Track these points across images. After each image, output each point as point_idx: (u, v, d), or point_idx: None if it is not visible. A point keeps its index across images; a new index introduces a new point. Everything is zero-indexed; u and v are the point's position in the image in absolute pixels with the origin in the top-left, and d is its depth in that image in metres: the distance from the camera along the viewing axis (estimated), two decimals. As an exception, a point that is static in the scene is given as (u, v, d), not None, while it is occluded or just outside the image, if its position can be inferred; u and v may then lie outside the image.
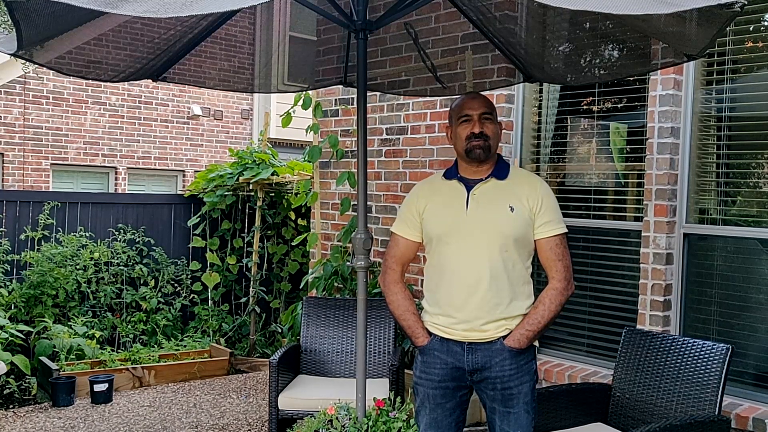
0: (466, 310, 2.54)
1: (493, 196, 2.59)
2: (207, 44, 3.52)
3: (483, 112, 2.61)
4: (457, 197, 2.61)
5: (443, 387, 2.62)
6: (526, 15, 3.72)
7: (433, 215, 2.64)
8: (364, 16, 3.01)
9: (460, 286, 2.55)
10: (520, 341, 2.54)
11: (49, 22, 2.54)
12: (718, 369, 3.12)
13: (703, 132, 3.95)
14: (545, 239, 2.57)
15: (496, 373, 2.55)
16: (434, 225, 2.63)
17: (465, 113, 2.62)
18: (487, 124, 2.60)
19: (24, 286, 5.80)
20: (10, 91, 9.41)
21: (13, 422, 4.74)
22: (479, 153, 2.57)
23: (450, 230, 2.58)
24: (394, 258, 2.74)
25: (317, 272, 5.51)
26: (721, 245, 3.87)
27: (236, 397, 5.42)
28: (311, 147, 5.65)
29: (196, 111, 11.06)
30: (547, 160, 4.65)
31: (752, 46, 3.77)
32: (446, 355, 2.60)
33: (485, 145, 2.58)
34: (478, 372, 2.58)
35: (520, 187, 2.60)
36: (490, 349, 2.55)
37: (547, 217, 2.58)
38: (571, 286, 2.59)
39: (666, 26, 2.68)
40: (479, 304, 2.53)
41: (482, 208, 2.57)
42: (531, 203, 2.57)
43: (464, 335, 2.57)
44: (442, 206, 2.63)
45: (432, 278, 2.67)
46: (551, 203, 2.61)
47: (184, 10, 1.79)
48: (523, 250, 2.58)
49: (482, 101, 2.64)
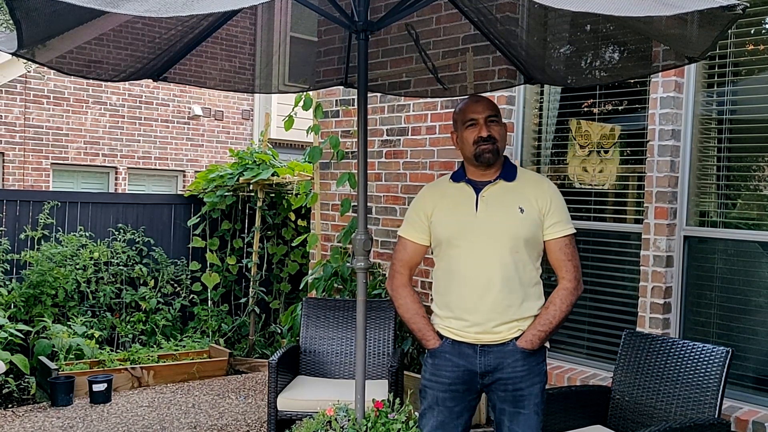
0: (478, 313, 2.53)
1: (503, 197, 2.58)
2: (208, 44, 3.52)
3: (489, 115, 2.60)
4: (466, 200, 2.60)
5: (453, 390, 2.61)
6: (527, 17, 3.72)
7: (442, 218, 2.63)
8: (366, 17, 3.00)
9: (471, 288, 2.54)
10: (533, 342, 2.53)
11: (50, 21, 2.54)
12: (718, 372, 3.11)
13: (704, 135, 3.94)
14: (555, 240, 2.57)
15: (508, 374, 2.54)
16: (443, 228, 2.61)
17: (470, 117, 2.60)
18: (493, 126, 2.59)
19: (23, 286, 5.79)
20: (11, 91, 9.41)
21: (12, 422, 4.74)
22: (489, 157, 2.57)
23: (459, 233, 2.57)
24: (401, 262, 2.73)
25: (317, 273, 5.51)
26: (721, 248, 3.86)
27: (235, 397, 5.42)
28: (312, 148, 5.64)
29: (196, 111, 11.06)
30: (547, 162, 4.65)
31: (753, 49, 3.76)
32: (458, 358, 2.59)
33: (494, 148, 2.57)
34: (489, 374, 2.57)
35: (528, 189, 2.60)
36: (502, 350, 2.55)
37: (557, 218, 2.58)
38: (581, 285, 2.59)
39: (667, 28, 2.68)
40: (491, 306, 2.52)
41: (492, 210, 2.56)
42: (540, 204, 2.57)
43: (477, 338, 2.56)
44: (451, 209, 2.62)
45: (441, 281, 2.65)
46: (560, 204, 2.61)
47: (185, 9, 1.79)
48: (533, 251, 2.58)
49: (486, 104, 2.63)
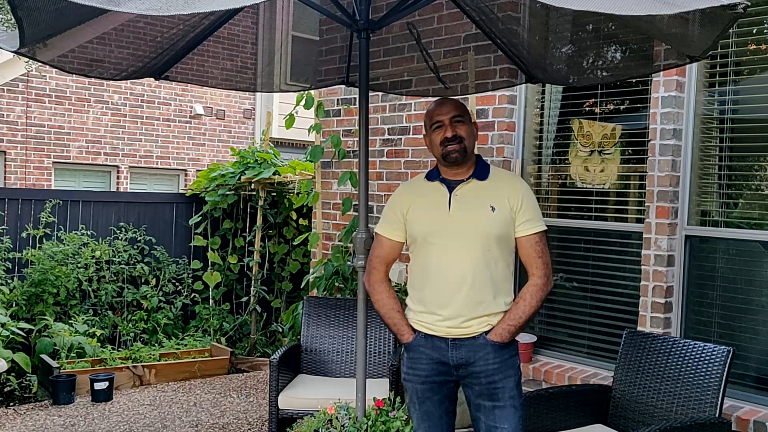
0: (450, 308, 2.60)
1: (475, 196, 2.65)
2: (209, 43, 3.52)
3: (453, 116, 2.65)
4: (439, 198, 2.67)
5: (429, 382, 2.69)
6: (528, 16, 3.72)
7: (416, 216, 2.70)
8: (367, 16, 3.01)
9: (444, 285, 2.61)
10: (503, 335, 2.60)
11: (52, 19, 2.55)
12: (719, 371, 3.11)
13: (706, 134, 3.94)
14: (526, 237, 2.63)
15: (480, 367, 2.61)
16: (418, 225, 2.68)
17: (436, 120, 2.67)
18: (459, 126, 2.65)
19: (25, 284, 5.80)
20: (13, 90, 9.41)
21: (14, 420, 4.75)
22: (456, 156, 2.63)
23: (433, 230, 2.64)
24: (378, 258, 2.80)
25: (318, 272, 5.52)
26: (722, 247, 3.86)
27: (236, 396, 5.42)
28: (313, 147, 5.65)
29: (198, 110, 11.05)
30: (548, 161, 4.65)
31: (755, 48, 3.76)
32: (431, 351, 2.65)
33: (461, 147, 2.63)
34: (463, 367, 2.63)
35: (500, 187, 2.66)
36: (473, 344, 2.61)
37: (528, 216, 2.64)
38: (551, 282, 2.65)
39: (669, 27, 2.68)
40: (463, 302, 2.59)
41: (464, 209, 2.63)
42: (512, 202, 2.63)
43: (448, 332, 2.62)
44: (425, 207, 2.69)
45: (416, 277, 2.72)
46: (531, 202, 2.67)
47: (187, 8, 1.79)
48: (505, 248, 2.64)
49: (451, 105, 2.69)
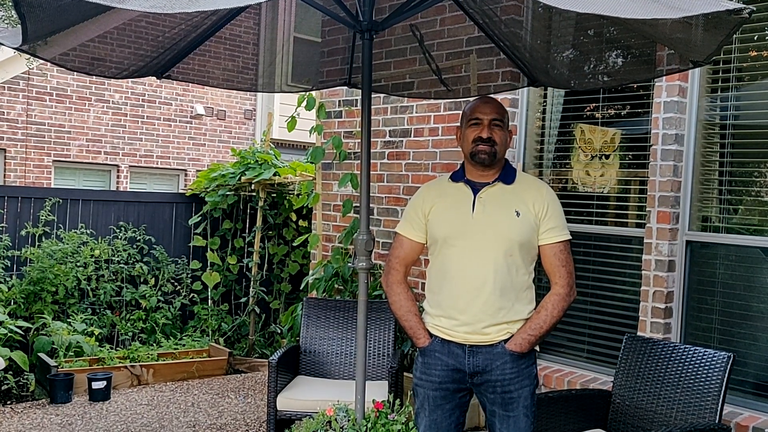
0: (468, 313, 2.54)
1: (500, 200, 2.59)
2: (211, 43, 3.52)
3: (494, 118, 2.60)
4: (463, 200, 2.61)
5: (443, 388, 2.62)
6: (531, 19, 3.72)
7: (439, 217, 2.63)
8: (370, 17, 3.00)
9: (463, 288, 2.55)
10: (522, 345, 2.54)
11: (54, 16, 2.54)
12: (719, 377, 3.11)
13: (707, 140, 3.94)
14: (549, 245, 2.58)
15: (496, 376, 2.55)
16: (440, 227, 2.62)
17: (475, 116, 2.61)
18: (496, 130, 2.60)
19: (24, 282, 5.78)
20: (14, 88, 9.40)
21: (11, 418, 4.73)
22: (484, 158, 2.58)
23: (455, 232, 2.58)
24: (397, 259, 2.73)
25: (318, 273, 5.50)
26: (723, 253, 3.85)
27: (234, 397, 5.41)
28: (314, 148, 5.64)
29: (199, 110, 11.05)
30: (550, 165, 4.64)
31: (757, 54, 3.76)
32: (447, 357, 2.60)
33: (491, 150, 2.57)
34: (478, 375, 2.57)
35: (526, 192, 2.60)
36: (491, 352, 2.55)
37: (553, 223, 2.58)
38: (574, 292, 2.59)
39: (672, 32, 2.67)
40: (482, 307, 2.53)
41: (488, 212, 2.57)
42: (537, 208, 2.57)
43: (466, 338, 2.56)
44: (448, 208, 2.63)
45: (435, 280, 2.66)
46: (557, 209, 2.61)
47: (191, 6, 1.79)
48: (527, 255, 2.58)
49: (494, 107, 2.64)
